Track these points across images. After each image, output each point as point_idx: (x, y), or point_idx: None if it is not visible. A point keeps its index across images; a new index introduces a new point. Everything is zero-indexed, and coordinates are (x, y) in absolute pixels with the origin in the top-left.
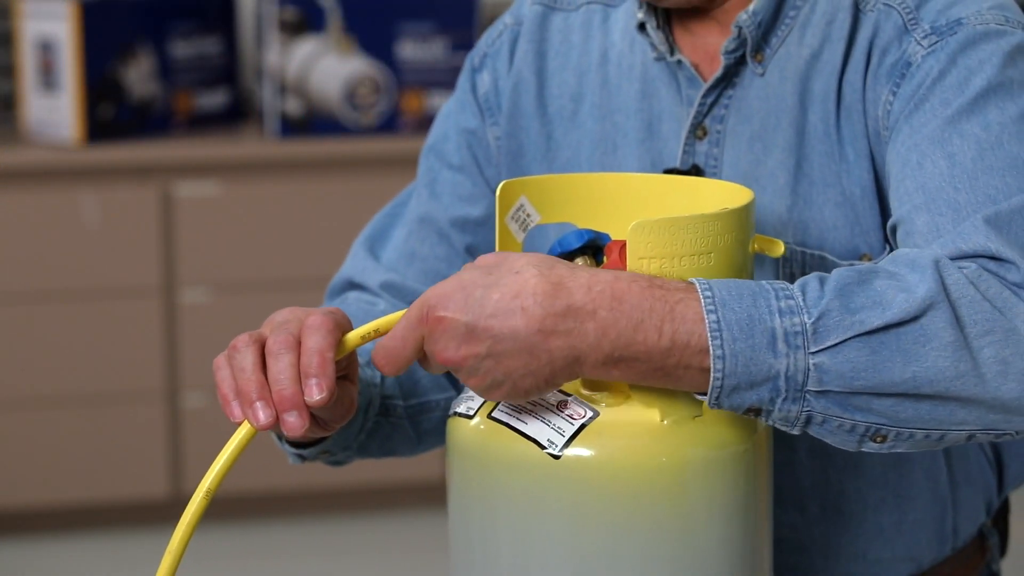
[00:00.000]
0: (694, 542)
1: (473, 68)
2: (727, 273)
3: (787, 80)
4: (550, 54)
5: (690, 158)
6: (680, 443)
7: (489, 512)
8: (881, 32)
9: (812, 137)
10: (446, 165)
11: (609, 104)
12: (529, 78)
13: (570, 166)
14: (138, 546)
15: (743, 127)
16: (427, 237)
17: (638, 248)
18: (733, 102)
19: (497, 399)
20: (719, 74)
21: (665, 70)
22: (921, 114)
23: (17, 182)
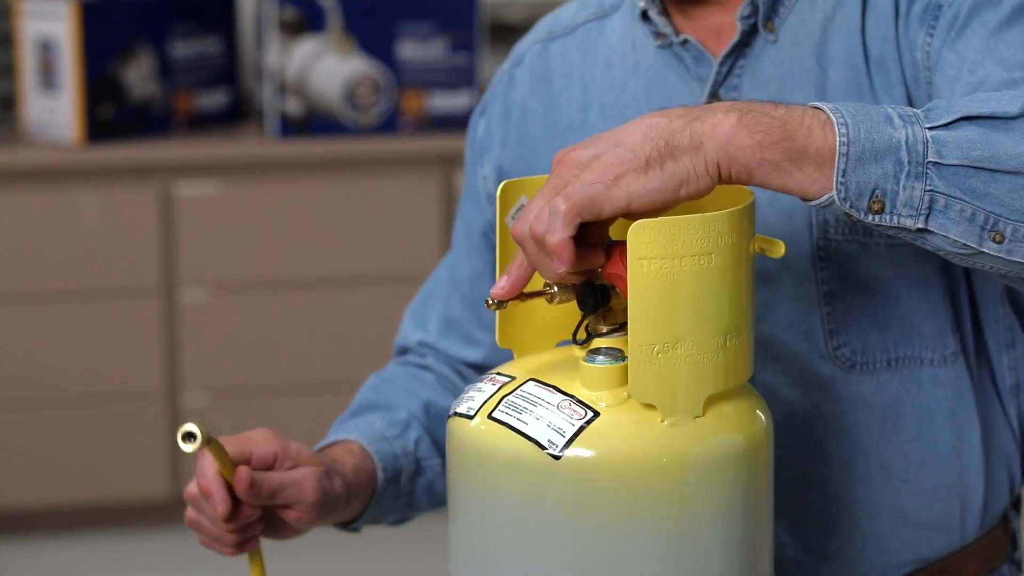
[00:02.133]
0: (694, 542)
1: (477, 115)
2: (728, 274)
3: (801, 45)
4: (554, 79)
5: None
6: (680, 443)
7: (489, 512)
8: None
9: (834, 96)
10: (466, 228)
11: (618, 102)
12: (534, 106)
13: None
14: (138, 546)
15: (758, 93)
16: (452, 298)
17: (638, 248)
18: (746, 71)
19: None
20: (736, 40)
21: (670, 56)
22: (963, 40)
23: (17, 182)
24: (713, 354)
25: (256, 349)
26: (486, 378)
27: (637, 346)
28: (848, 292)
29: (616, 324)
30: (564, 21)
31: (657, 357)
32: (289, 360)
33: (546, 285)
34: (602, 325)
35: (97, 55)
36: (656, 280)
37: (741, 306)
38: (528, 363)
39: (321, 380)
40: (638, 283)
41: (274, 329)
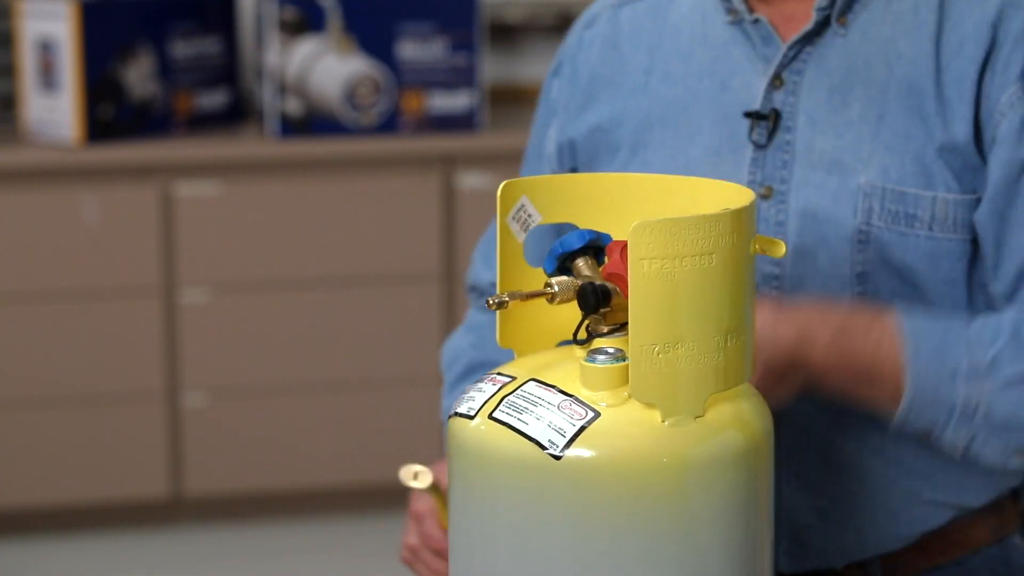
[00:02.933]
0: (695, 542)
1: (552, 73)
2: (728, 273)
3: (870, 41)
4: (624, 44)
5: (768, 104)
6: (681, 443)
7: (489, 512)
8: (1008, 21)
9: (896, 93)
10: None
11: (683, 70)
12: (604, 72)
13: (643, 129)
14: (138, 546)
15: (822, 79)
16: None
17: (639, 248)
18: (812, 57)
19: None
20: (809, 27)
21: (739, 33)
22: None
23: (17, 182)
24: (713, 354)
25: (256, 349)
26: (487, 378)
27: (638, 346)
28: (881, 276)
29: (617, 324)
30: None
31: (658, 357)
32: (289, 360)
33: (546, 285)
34: (603, 325)
35: (97, 55)
36: (657, 280)
37: (742, 306)
38: (529, 363)
39: (321, 380)
40: (639, 283)
41: (274, 329)
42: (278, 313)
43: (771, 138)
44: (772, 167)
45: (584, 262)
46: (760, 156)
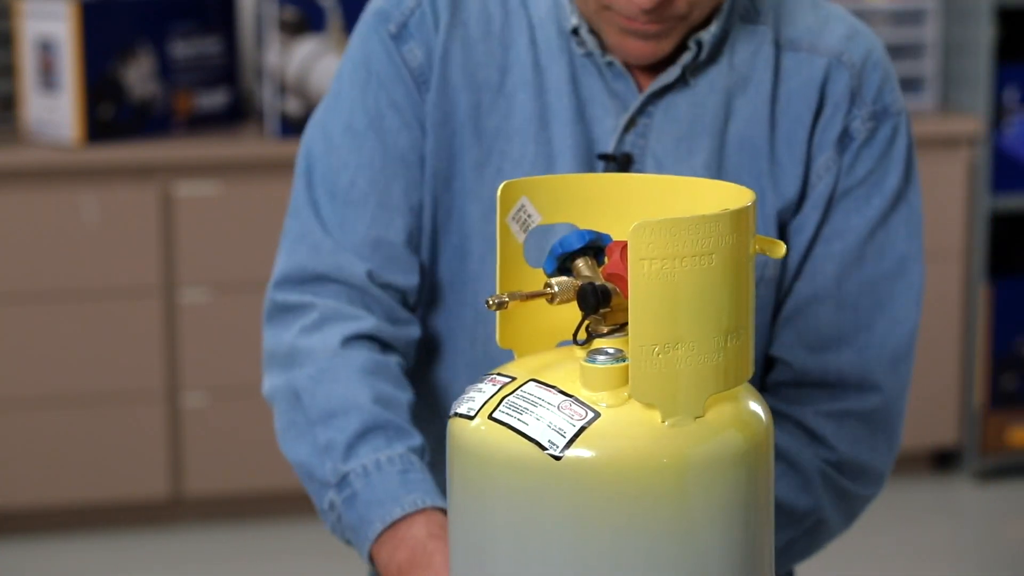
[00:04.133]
0: (695, 542)
1: (392, 36)
2: (728, 273)
3: (713, 93)
4: (471, 22)
5: (620, 146)
6: (681, 443)
7: (489, 513)
8: (833, 84)
9: (731, 147)
10: (393, 147)
11: (541, 83)
12: (454, 49)
13: (499, 134)
14: (138, 546)
15: (670, 126)
16: (391, 222)
17: (639, 249)
18: (662, 103)
19: None
20: (670, 80)
21: (590, 64)
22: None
23: (17, 182)
24: (713, 354)
25: (256, 349)
26: (487, 378)
27: (638, 346)
28: None
29: (617, 324)
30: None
31: (658, 357)
32: None
33: (546, 285)
34: (603, 325)
35: (97, 55)
36: (657, 280)
37: (741, 306)
38: (528, 363)
39: None
40: (639, 283)
41: None
42: None
43: None
44: None
45: (584, 262)
46: None
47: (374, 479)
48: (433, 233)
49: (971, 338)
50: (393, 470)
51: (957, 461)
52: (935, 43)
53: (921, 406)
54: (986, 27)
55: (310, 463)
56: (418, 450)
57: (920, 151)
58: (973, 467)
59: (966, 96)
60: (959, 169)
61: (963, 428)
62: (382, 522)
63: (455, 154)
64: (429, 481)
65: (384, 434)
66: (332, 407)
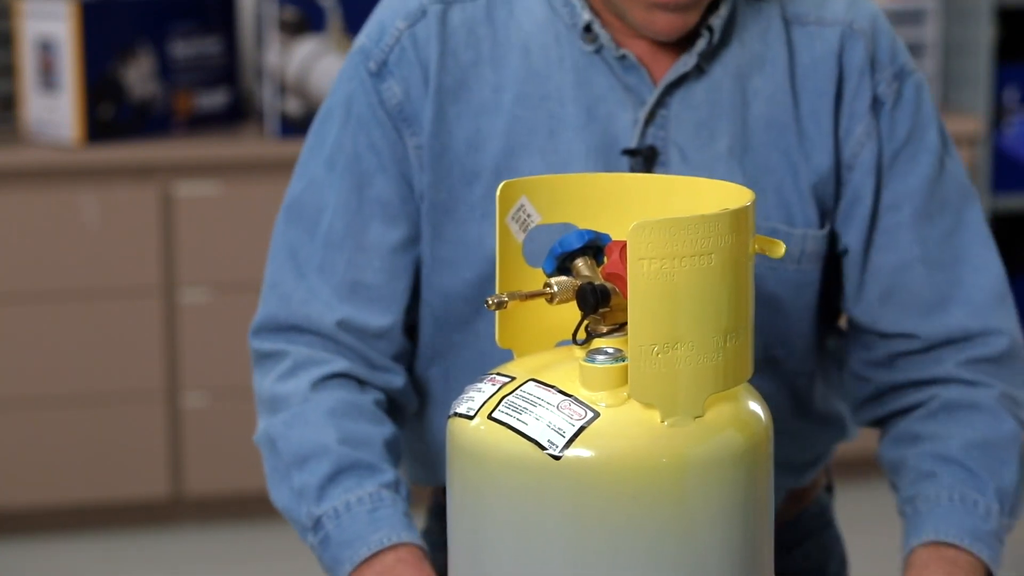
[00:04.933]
0: (694, 542)
1: (371, 74)
2: (727, 273)
3: (728, 77)
4: (460, 50)
5: (643, 140)
6: (680, 443)
7: (489, 512)
8: (850, 52)
9: (756, 128)
10: (369, 189)
11: (540, 92)
12: (447, 82)
13: (504, 154)
14: (138, 546)
15: (688, 114)
16: (369, 263)
17: (639, 248)
18: (678, 92)
19: None
20: (687, 69)
21: (599, 61)
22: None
23: (17, 182)
24: (713, 354)
25: None
26: (486, 378)
27: (637, 346)
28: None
29: (616, 324)
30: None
31: (657, 357)
32: None
33: (546, 285)
34: (602, 325)
35: (97, 55)
36: (656, 280)
37: (741, 306)
38: (528, 363)
39: None
40: (638, 283)
41: None
42: None
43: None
44: None
45: (583, 262)
46: None
47: (344, 521)
48: (433, 264)
49: None
50: (362, 510)
51: None
52: (935, 43)
53: None
54: (986, 27)
55: (289, 507)
56: (390, 485)
57: None
58: None
59: (966, 96)
60: None
61: None
62: (351, 563)
63: (456, 184)
64: (398, 515)
65: (355, 474)
66: (303, 452)
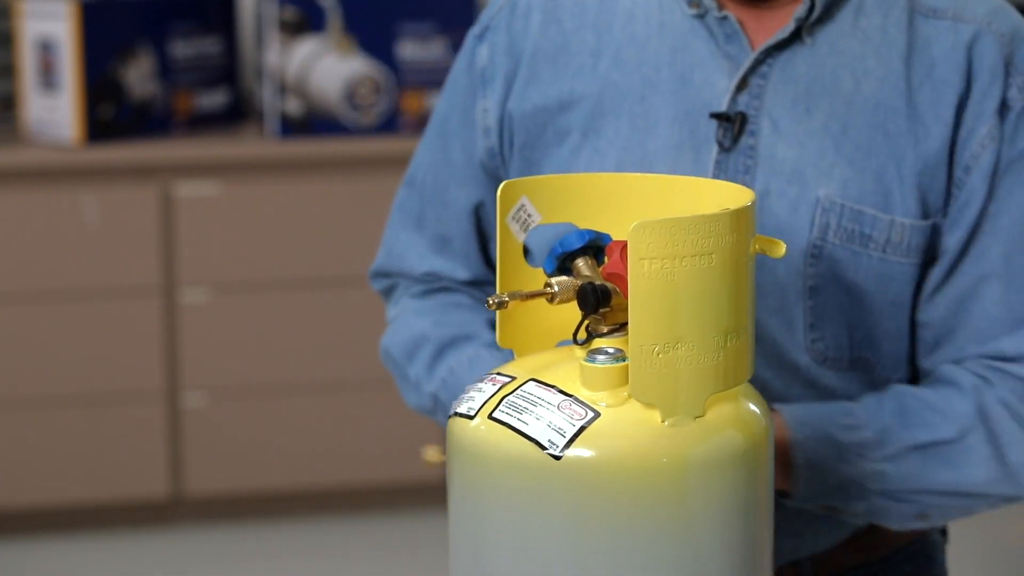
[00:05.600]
0: (695, 542)
1: (476, 37)
2: (728, 273)
3: (837, 54)
4: (566, 20)
5: (734, 106)
6: (680, 443)
7: (489, 512)
8: (983, 51)
9: (861, 108)
10: (450, 149)
11: (637, 57)
12: (546, 45)
13: (595, 116)
14: (138, 546)
15: (786, 87)
16: (453, 220)
17: (639, 248)
18: (778, 63)
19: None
20: (784, 35)
21: (700, 27)
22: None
23: (17, 182)
24: (713, 354)
25: (256, 349)
26: (486, 378)
27: (637, 346)
28: (831, 291)
29: (617, 324)
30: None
31: (657, 357)
32: (289, 360)
33: (546, 285)
34: (603, 325)
35: (97, 55)
36: (656, 280)
37: (741, 306)
38: (528, 363)
39: (321, 380)
40: (639, 283)
41: (274, 329)
42: (278, 313)
43: (736, 141)
44: (735, 171)
45: (584, 262)
46: (724, 159)
47: (450, 385)
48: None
49: None
50: (463, 371)
51: None
52: None
53: None
54: None
55: (419, 404)
56: (490, 346)
57: None
58: None
59: None
60: None
61: None
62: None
63: (548, 142)
64: (497, 364)
65: (455, 347)
66: (409, 347)
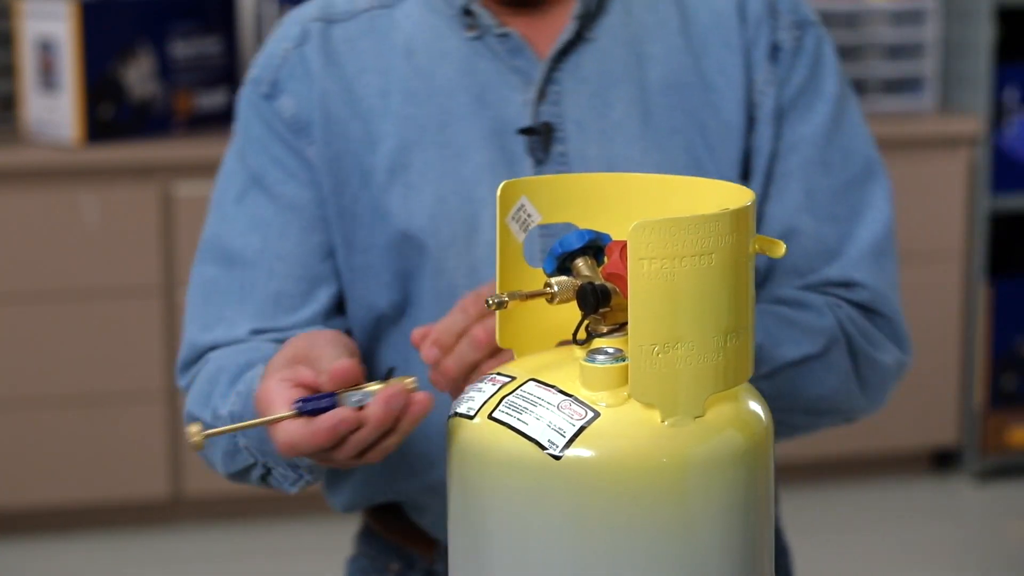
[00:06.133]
0: (695, 542)
1: (264, 97)
2: (728, 273)
3: (618, 45)
4: (344, 63)
5: (538, 117)
6: (680, 443)
7: (489, 512)
8: (750, 4)
9: (655, 91)
10: (281, 198)
11: (427, 89)
12: (333, 88)
13: (399, 152)
14: (138, 546)
15: (580, 87)
16: (290, 271)
17: (639, 248)
18: (567, 66)
19: None
20: (568, 37)
21: (481, 46)
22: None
23: (17, 182)
24: (713, 354)
25: None
26: (486, 378)
27: (637, 346)
28: None
29: (616, 324)
30: (341, 6)
31: (657, 357)
32: None
33: (546, 285)
34: (602, 325)
35: (97, 55)
36: (656, 280)
37: (741, 306)
38: (528, 363)
39: None
40: (638, 283)
41: None
42: None
43: (547, 152)
44: None
45: (584, 262)
46: (540, 171)
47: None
48: (349, 272)
49: (971, 338)
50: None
51: (957, 461)
52: (935, 43)
53: (921, 406)
54: (986, 27)
55: (225, 460)
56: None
57: (920, 151)
58: (973, 467)
59: (966, 96)
60: (959, 169)
61: (963, 428)
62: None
63: (355, 187)
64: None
65: (250, 369)
66: (204, 393)
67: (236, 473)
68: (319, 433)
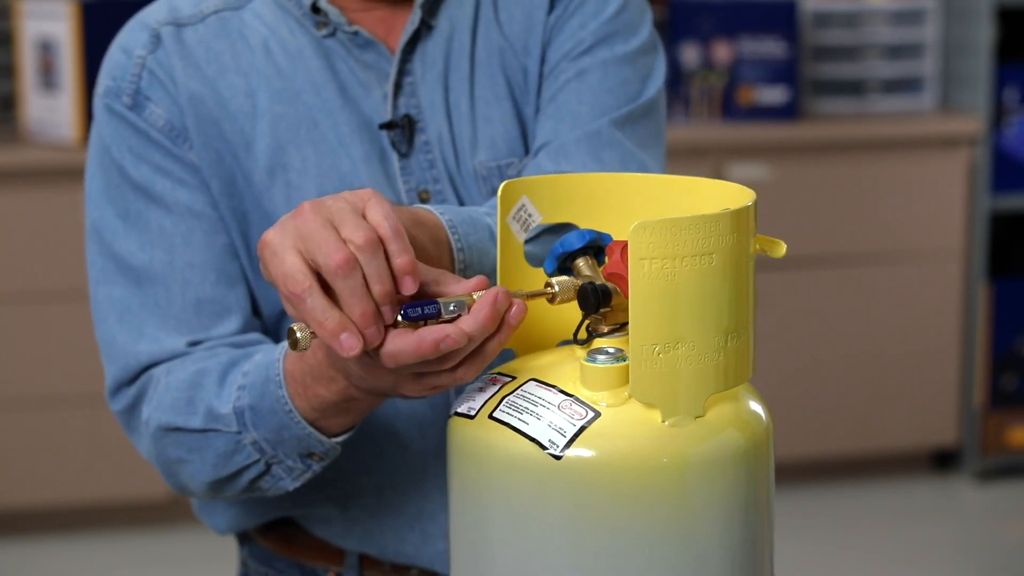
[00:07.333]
0: (695, 542)
1: (128, 108)
2: (728, 273)
3: (457, 28)
4: (203, 65)
5: (397, 111)
6: (681, 443)
7: (489, 512)
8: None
9: (479, 64)
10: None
11: (291, 88)
12: (199, 90)
13: (275, 152)
14: (138, 546)
15: (429, 74)
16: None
17: (640, 248)
18: (416, 56)
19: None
20: (415, 27)
21: (334, 44)
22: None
23: (17, 182)
24: (714, 354)
25: None
26: (487, 378)
27: (638, 346)
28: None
29: (617, 324)
30: (186, 9)
31: (658, 357)
32: None
33: (547, 285)
34: (603, 325)
35: (97, 55)
36: (657, 280)
37: (742, 306)
38: (529, 363)
39: None
40: (639, 283)
41: None
42: None
43: (411, 144)
44: (420, 171)
45: (584, 262)
46: (407, 164)
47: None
48: (252, 271)
49: (971, 338)
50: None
51: (957, 461)
52: (935, 43)
53: (920, 406)
54: (986, 27)
55: (224, 448)
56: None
57: (920, 151)
58: (973, 467)
59: (966, 96)
60: (959, 169)
61: (963, 428)
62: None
63: (241, 187)
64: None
65: (235, 367)
66: (185, 399)
67: (222, 479)
68: (424, 344)
